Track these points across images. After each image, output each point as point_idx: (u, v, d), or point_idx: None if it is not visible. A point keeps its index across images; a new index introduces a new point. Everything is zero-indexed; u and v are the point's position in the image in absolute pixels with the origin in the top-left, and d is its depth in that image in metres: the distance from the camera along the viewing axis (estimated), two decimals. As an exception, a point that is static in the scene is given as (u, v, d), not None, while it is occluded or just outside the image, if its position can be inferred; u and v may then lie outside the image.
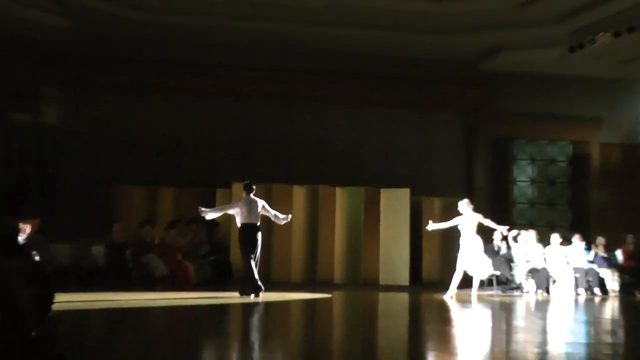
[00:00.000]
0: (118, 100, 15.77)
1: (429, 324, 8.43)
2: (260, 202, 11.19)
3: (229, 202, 14.33)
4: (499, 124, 17.16)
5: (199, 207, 11.03)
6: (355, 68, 16.52)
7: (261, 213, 11.14)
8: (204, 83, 15.84)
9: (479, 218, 12.00)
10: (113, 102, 15.74)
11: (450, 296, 11.63)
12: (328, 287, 13.49)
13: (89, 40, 15.35)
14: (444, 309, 10.42)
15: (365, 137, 16.69)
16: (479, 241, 12.04)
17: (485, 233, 16.10)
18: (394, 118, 16.88)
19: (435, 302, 11.54)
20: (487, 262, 12.19)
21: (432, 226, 12.04)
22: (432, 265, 15.77)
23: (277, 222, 11.34)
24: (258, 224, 11.08)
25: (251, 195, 11.16)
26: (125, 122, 15.74)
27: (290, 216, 11.31)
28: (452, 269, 15.68)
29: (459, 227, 12.10)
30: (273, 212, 11.27)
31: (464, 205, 12.09)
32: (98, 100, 15.69)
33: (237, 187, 14.35)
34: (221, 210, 11.20)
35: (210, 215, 11.04)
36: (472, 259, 11.91)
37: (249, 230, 10.97)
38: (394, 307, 10.70)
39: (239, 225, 11.13)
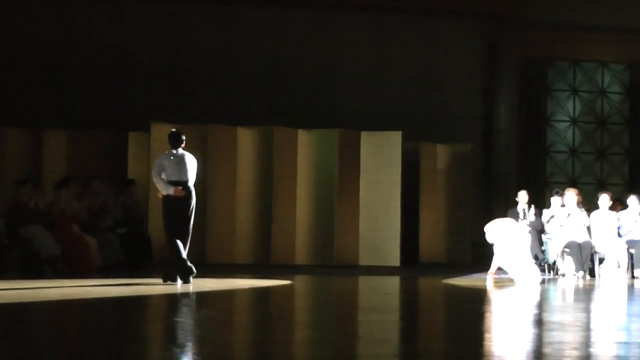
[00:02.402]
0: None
1: (428, 321, 8.48)
2: (193, 161, 11.11)
3: (146, 150, 14.28)
4: (530, 39, 17.17)
5: (172, 189, 10.75)
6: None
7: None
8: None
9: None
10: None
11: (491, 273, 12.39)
12: (286, 271, 13.52)
13: None
14: (449, 300, 10.50)
15: (340, 58, 16.60)
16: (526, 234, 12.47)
17: (506, 191, 16.28)
18: (383, 30, 16.80)
19: (438, 289, 11.62)
20: (532, 264, 12.45)
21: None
22: (434, 239, 15.90)
23: (159, 187, 10.99)
24: (190, 183, 11.03)
25: (180, 149, 11.07)
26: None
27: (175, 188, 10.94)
28: (461, 246, 15.97)
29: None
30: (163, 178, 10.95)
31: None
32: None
33: (158, 130, 14.28)
34: (158, 176, 10.96)
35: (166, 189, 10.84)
36: (513, 252, 12.24)
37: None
38: (380, 297, 10.77)
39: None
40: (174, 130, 11.30)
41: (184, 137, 11.14)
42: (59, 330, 7.34)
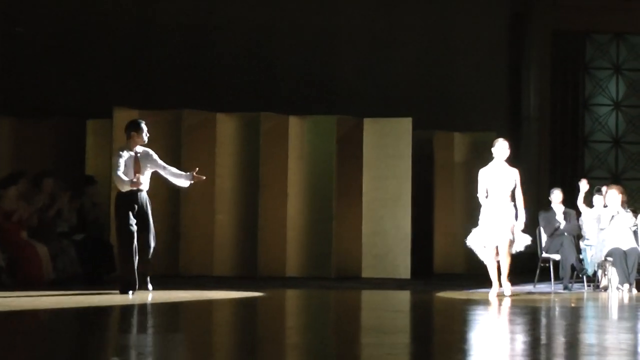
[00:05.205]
0: None
1: (444, 343, 8.43)
2: (151, 155, 11.51)
3: (107, 140, 14.24)
4: (564, 8, 17.12)
5: (134, 178, 11.17)
6: None
7: (152, 171, 11.50)
8: None
9: (516, 179, 12.08)
10: None
11: (496, 294, 11.87)
12: (276, 284, 13.53)
13: None
14: (469, 318, 10.45)
15: (339, 31, 16.56)
16: (510, 210, 12.05)
17: (537, 189, 16.22)
18: (391, 0, 16.76)
19: (456, 306, 11.57)
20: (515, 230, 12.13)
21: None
22: (450, 246, 15.83)
23: (179, 183, 11.65)
24: (142, 188, 11.41)
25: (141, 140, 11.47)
26: None
27: (192, 174, 11.49)
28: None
29: (488, 185, 12.15)
30: (171, 168, 11.60)
31: (501, 147, 12.13)
32: None
33: (122, 117, 14.22)
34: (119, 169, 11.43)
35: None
36: (494, 226, 12.00)
37: (128, 195, 11.33)
38: (387, 315, 10.72)
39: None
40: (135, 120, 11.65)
41: (144, 127, 11.50)
42: None
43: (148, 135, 11.42)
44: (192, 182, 11.53)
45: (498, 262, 12.06)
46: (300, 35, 16.44)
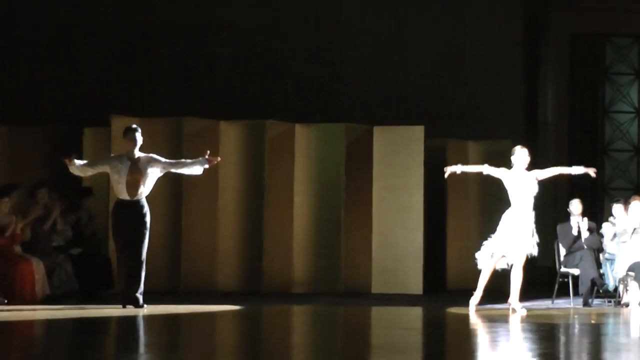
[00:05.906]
0: None
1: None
2: (153, 158, 11.78)
3: (105, 149, 14.20)
4: (583, 10, 17.08)
5: (66, 157, 11.62)
6: None
7: (159, 175, 11.79)
8: None
9: (538, 175, 12.28)
10: None
11: (474, 304, 12.37)
12: (281, 300, 13.51)
13: None
14: (484, 336, 10.40)
15: (347, 34, 16.55)
16: (530, 218, 12.05)
17: (555, 199, 16.17)
18: (400, 0, 16.74)
19: (470, 323, 11.51)
20: (529, 240, 12.16)
21: (455, 169, 12.63)
22: (464, 260, 15.75)
23: (195, 172, 11.84)
24: (139, 198, 11.56)
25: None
26: None
27: (205, 158, 11.76)
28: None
29: (509, 193, 12.18)
30: (181, 161, 11.92)
31: (520, 155, 12.11)
32: None
33: (120, 124, 14.19)
34: (92, 166, 11.98)
35: (77, 169, 11.81)
36: (512, 237, 12.06)
37: (124, 206, 11.57)
38: (398, 333, 10.67)
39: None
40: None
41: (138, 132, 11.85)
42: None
43: (138, 139, 11.64)
44: (207, 166, 11.74)
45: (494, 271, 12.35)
46: (308, 39, 16.43)
